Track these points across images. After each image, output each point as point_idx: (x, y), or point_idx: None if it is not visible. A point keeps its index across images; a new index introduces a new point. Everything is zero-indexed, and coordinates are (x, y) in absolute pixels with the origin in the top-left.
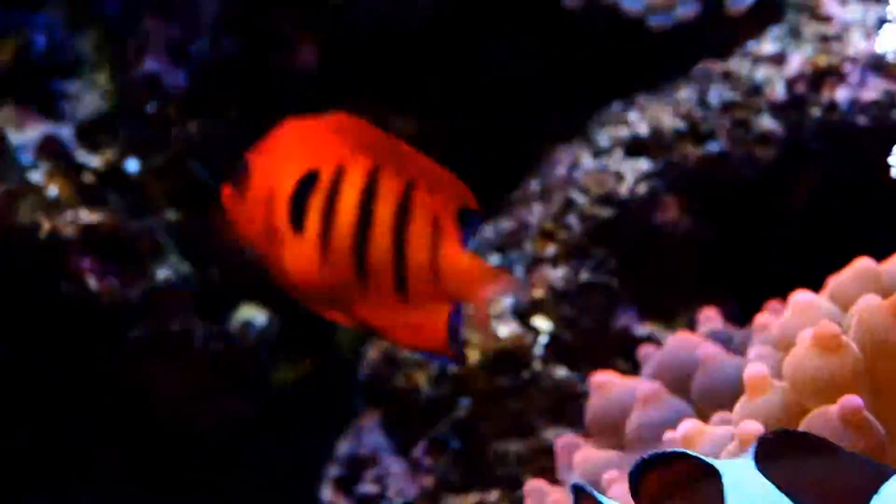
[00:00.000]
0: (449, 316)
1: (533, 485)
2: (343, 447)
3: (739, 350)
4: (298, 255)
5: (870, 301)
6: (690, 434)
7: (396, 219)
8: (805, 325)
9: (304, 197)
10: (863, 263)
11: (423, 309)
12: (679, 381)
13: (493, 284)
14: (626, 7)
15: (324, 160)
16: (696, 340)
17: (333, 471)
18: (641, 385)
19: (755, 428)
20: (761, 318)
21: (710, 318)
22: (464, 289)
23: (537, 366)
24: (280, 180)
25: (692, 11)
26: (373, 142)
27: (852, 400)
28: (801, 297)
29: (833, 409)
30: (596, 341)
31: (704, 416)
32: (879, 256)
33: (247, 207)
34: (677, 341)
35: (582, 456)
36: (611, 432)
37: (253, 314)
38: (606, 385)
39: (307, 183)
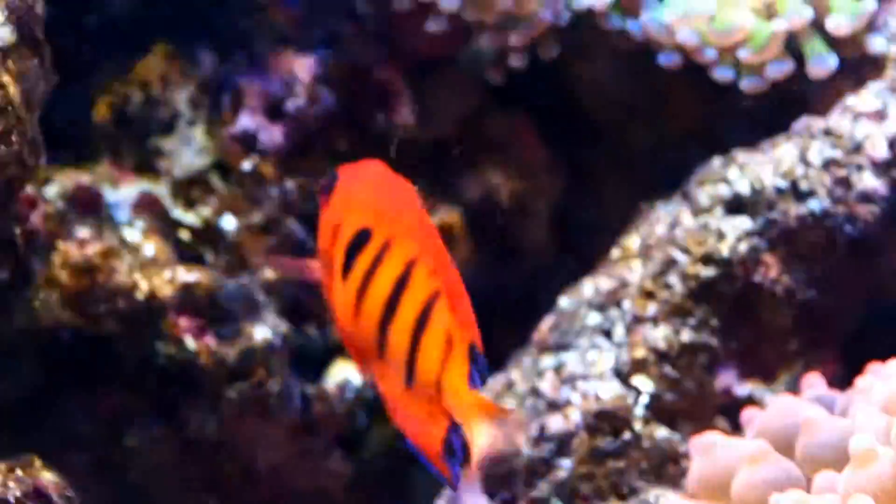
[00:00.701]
0: (447, 430)
1: None
2: None
3: (842, 414)
4: (341, 299)
5: None
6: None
7: (418, 317)
8: None
9: (356, 249)
10: None
11: (428, 410)
12: (783, 443)
13: (491, 423)
14: (718, 76)
15: (379, 223)
16: (800, 403)
17: None
18: (748, 444)
19: (865, 502)
20: (864, 381)
21: (813, 383)
22: (460, 415)
23: (638, 426)
24: (346, 221)
25: (785, 70)
26: (416, 226)
27: None
28: None
29: None
30: (697, 401)
31: (809, 479)
32: None
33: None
34: (781, 404)
35: None
36: (717, 493)
37: (350, 373)
38: (712, 445)
39: (362, 237)
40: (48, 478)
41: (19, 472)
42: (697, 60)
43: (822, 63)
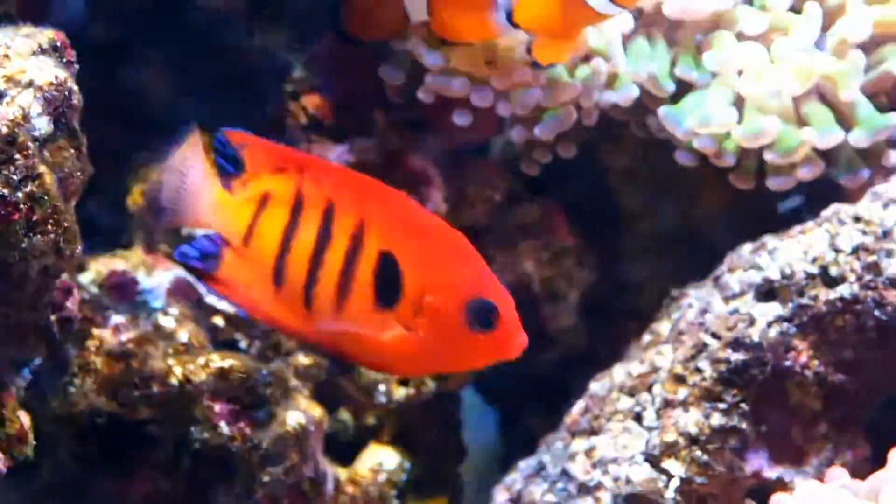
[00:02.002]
0: None
1: None
2: None
3: (872, 498)
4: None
5: None
6: None
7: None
8: None
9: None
10: None
11: None
12: None
13: None
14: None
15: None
16: (829, 489)
17: None
18: None
19: None
20: (891, 465)
21: (837, 475)
22: None
23: None
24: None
25: (816, 173)
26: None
27: None
28: None
29: None
30: (727, 485)
31: None
32: None
33: None
34: (810, 489)
35: None
36: None
37: (383, 457)
38: None
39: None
40: None
41: None
42: (717, 163)
43: (855, 176)
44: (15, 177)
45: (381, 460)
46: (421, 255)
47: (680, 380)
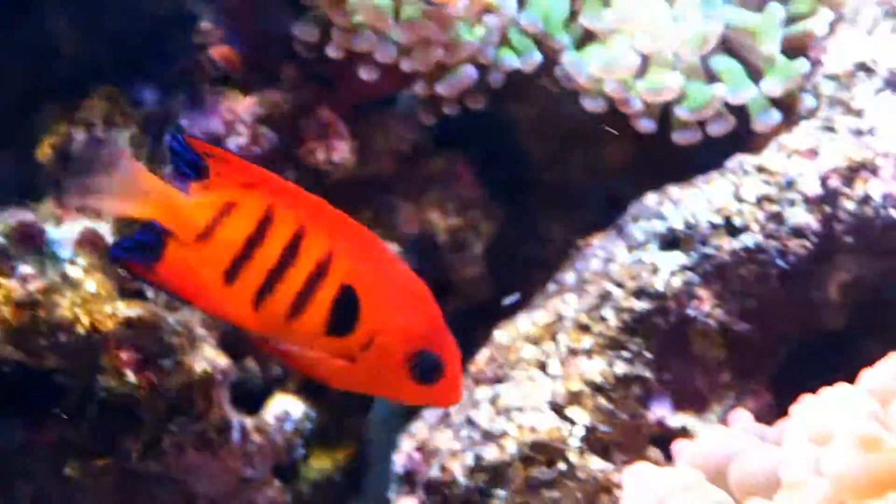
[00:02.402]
0: None
1: None
2: None
3: (774, 444)
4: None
5: None
6: None
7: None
8: (842, 420)
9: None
10: None
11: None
12: (714, 473)
13: None
14: (643, 126)
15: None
16: (732, 433)
17: None
18: (681, 474)
19: None
20: (795, 411)
21: (740, 418)
22: None
23: (573, 457)
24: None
25: (728, 128)
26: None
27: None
28: (837, 391)
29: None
30: (630, 432)
31: None
32: None
33: None
34: (713, 434)
35: None
36: None
37: (289, 405)
38: (645, 475)
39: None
40: None
41: None
42: (622, 110)
43: (768, 118)
44: None
45: (287, 409)
46: (381, 296)
47: (584, 328)
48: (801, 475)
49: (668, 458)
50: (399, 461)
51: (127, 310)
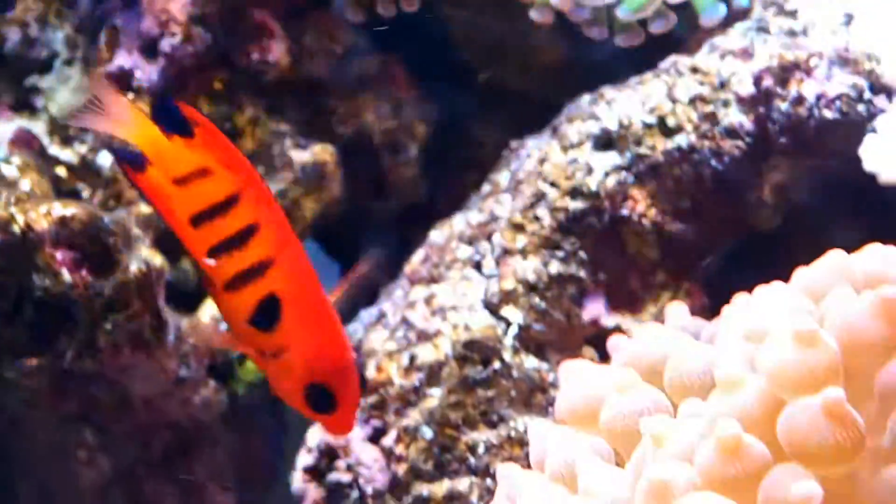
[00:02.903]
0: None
1: (504, 469)
2: (314, 436)
3: (708, 342)
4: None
5: (844, 296)
6: (661, 432)
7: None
8: (776, 317)
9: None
10: (835, 256)
11: None
12: (649, 371)
13: None
14: (594, 34)
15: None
16: (667, 332)
17: (305, 459)
18: (616, 373)
19: (733, 427)
20: (729, 310)
21: (676, 312)
22: None
23: (507, 356)
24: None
25: (669, 25)
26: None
27: (835, 392)
28: (771, 289)
29: (815, 400)
30: (565, 332)
31: (676, 407)
32: (847, 250)
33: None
34: (647, 332)
35: (557, 439)
36: (585, 420)
37: None
38: (580, 373)
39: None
40: None
41: None
42: (571, 19)
43: (714, 13)
44: None
45: None
46: (300, 320)
47: (519, 228)
48: (735, 373)
49: (604, 357)
50: None
51: (62, 209)
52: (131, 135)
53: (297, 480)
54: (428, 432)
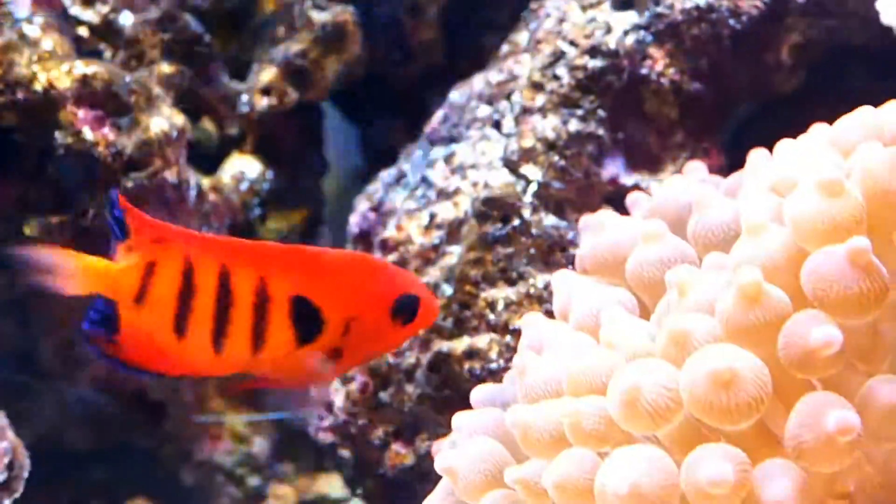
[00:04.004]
0: None
1: (529, 319)
2: None
3: (730, 195)
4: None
5: (872, 149)
6: (686, 279)
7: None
8: (804, 169)
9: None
10: (865, 111)
11: None
12: (673, 223)
13: None
14: None
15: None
16: (691, 183)
17: None
18: (643, 223)
19: (753, 274)
20: (751, 163)
21: (695, 168)
22: None
23: (527, 213)
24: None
25: None
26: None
27: (860, 241)
28: (798, 141)
29: (839, 248)
30: (584, 190)
31: (700, 258)
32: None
33: None
34: (672, 184)
35: (581, 289)
36: (609, 270)
37: (245, 166)
38: (604, 224)
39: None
40: None
41: None
42: None
43: None
44: None
45: (243, 169)
46: (332, 286)
47: (538, 87)
48: (760, 220)
49: (623, 215)
50: (354, 221)
51: (84, 67)
52: (86, 284)
53: None
54: (448, 289)
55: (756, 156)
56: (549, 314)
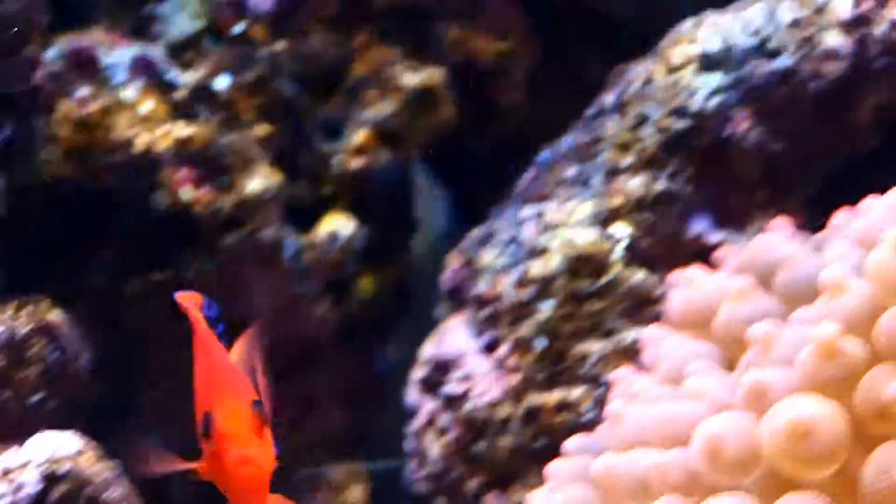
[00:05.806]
0: None
1: (619, 372)
2: (428, 350)
3: (818, 251)
4: None
5: None
6: (767, 336)
7: None
8: (888, 223)
9: None
10: None
11: None
12: (761, 279)
13: None
14: None
15: None
16: (779, 240)
17: (419, 373)
18: (731, 280)
19: (832, 329)
20: (837, 220)
21: (781, 226)
22: None
23: (616, 270)
24: None
25: None
26: None
27: None
28: (885, 197)
29: None
30: (672, 246)
31: (787, 314)
32: None
33: None
34: (759, 241)
35: (670, 345)
36: (697, 325)
37: (339, 224)
38: (694, 279)
39: None
40: (56, 316)
41: (30, 308)
42: None
43: None
44: None
45: (337, 228)
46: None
47: (624, 148)
48: (840, 276)
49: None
50: (446, 277)
51: (182, 130)
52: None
53: (412, 394)
54: (540, 343)
55: (841, 214)
56: (639, 368)
